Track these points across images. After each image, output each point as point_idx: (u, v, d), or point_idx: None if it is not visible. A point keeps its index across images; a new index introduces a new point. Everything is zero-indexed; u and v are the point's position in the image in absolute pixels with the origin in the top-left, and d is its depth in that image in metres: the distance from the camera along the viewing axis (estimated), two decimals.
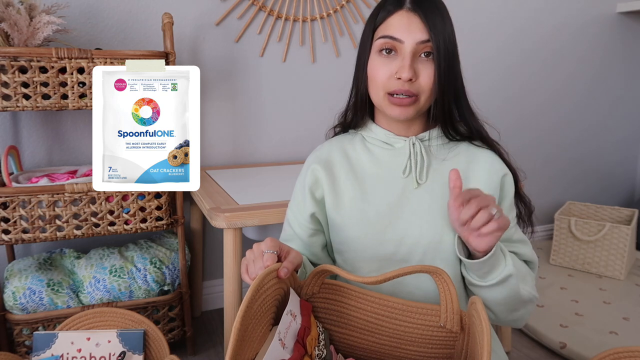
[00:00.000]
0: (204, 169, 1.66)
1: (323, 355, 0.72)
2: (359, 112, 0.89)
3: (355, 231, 0.84)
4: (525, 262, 0.89)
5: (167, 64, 1.32)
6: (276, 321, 0.72)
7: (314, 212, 0.88)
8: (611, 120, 2.64)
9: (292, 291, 0.72)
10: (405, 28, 0.77)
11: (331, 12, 1.79)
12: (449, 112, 0.83)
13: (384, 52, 0.80)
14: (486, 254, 0.74)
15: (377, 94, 0.83)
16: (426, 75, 0.78)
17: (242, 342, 0.59)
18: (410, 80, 0.78)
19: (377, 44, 0.81)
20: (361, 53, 0.86)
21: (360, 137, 0.91)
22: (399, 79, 0.78)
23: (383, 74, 0.80)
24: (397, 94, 0.79)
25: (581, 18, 2.37)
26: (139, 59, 1.24)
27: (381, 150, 0.88)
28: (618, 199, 2.81)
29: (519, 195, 0.89)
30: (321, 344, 0.73)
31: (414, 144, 0.86)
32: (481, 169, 0.85)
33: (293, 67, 1.80)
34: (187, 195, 1.54)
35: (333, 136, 0.96)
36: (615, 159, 2.72)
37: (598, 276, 2.10)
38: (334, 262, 0.95)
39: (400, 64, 0.78)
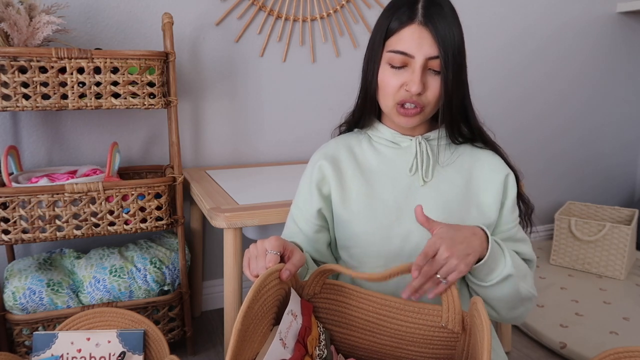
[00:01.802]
0: (204, 169, 1.66)
1: (324, 355, 0.72)
2: (366, 113, 0.90)
3: (362, 227, 0.85)
4: (525, 260, 0.91)
5: (167, 63, 1.32)
6: (277, 321, 0.72)
7: (321, 207, 0.89)
8: (612, 120, 2.64)
9: (293, 291, 0.72)
10: (416, 43, 0.78)
11: (331, 12, 1.79)
12: (456, 118, 0.85)
13: (395, 66, 0.81)
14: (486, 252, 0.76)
15: (386, 103, 0.84)
16: (434, 88, 0.80)
17: (242, 342, 0.59)
18: (419, 93, 0.80)
19: (388, 56, 0.81)
20: (371, 58, 0.86)
21: (366, 136, 0.93)
22: (408, 90, 0.80)
23: (394, 85, 0.81)
24: (405, 104, 0.82)
25: (581, 19, 2.36)
26: (139, 59, 1.24)
27: (387, 149, 0.90)
28: (618, 199, 2.81)
29: (520, 195, 0.91)
30: (322, 344, 0.73)
31: (420, 143, 0.88)
32: (485, 169, 0.88)
33: (293, 67, 1.80)
34: (187, 195, 1.54)
35: (338, 135, 0.97)
36: (615, 158, 2.72)
37: (598, 276, 2.10)
38: (336, 260, 0.95)
39: (410, 77, 0.80)
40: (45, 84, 1.19)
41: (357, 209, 0.86)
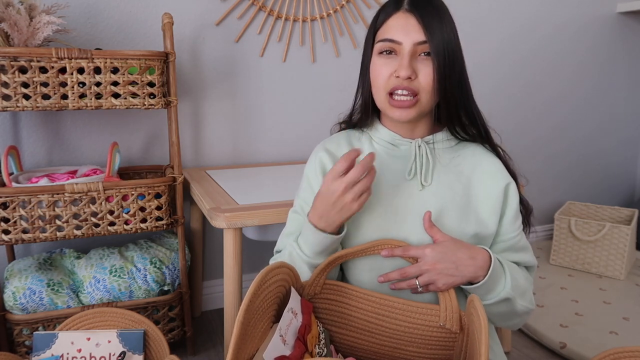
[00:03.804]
0: (204, 169, 1.66)
1: (323, 354, 0.72)
2: (364, 114, 0.90)
3: (359, 228, 0.84)
4: (526, 267, 0.91)
5: (167, 63, 1.33)
6: (277, 319, 0.72)
7: None
8: (612, 120, 2.64)
9: (293, 290, 0.73)
10: (403, 29, 0.79)
11: (331, 12, 1.79)
12: (456, 113, 0.84)
13: (384, 53, 0.81)
14: (484, 277, 0.78)
15: (379, 96, 0.83)
16: (425, 73, 0.79)
17: (244, 336, 0.59)
18: (409, 78, 0.78)
19: (377, 47, 0.82)
20: (364, 57, 0.87)
21: (367, 136, 0.92)
22: (398, 77, 0.79)
23: (384, 74, 0.81)
24: (397, 92, 0.80)
25: (581, 19, 2.37)
26: (139, 59, 1.24)
27: (387, 151, 0.89)
28: (618, 199, 2.81)
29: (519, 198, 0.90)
30: (321, 342, 0.74)
31: (419, 146, 0.86)
32: (485, 176, 0.87)
33: (293, 67, 1.80)
34: (187, 195, 1.54)
35: (339, 130, 0.96)
36: (615, 158, 2.73)
37: (598, 276, 2.10)
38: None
39: (399, 63, 0.79)
40: (45, 84, 1.19)
41: None
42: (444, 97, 0.81)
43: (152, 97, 1.29)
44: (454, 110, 0.83)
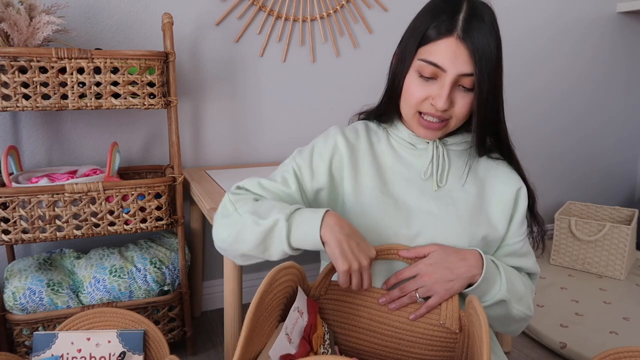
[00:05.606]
0: (204, 169, 1.66)
1: (328, 354, 0.72)
2: (389, 111, 0.89)
3: (370, 221, 0.84)
4: (528, 274, 0.91)
5: (167, 63, 1.32)
6: (283, 318, 0.72)
7: (322, 187, 0.87)
8: (613, 120, 2.64)
9: (300, 289, 0.73)
10: (451, 58, 0.74)
11: (331, 12, 1.79)
12: (484, 137, 0.84)
13: (424, 76, 0.78)
14: (480, 276, 0.79)
15: (407, 111, 0.82)
16: (462, 105, 0.78)
17: (253, 333, 0.59)
18: (445, 110, 0.78)
19: (419, 64, 0.78)
20: (400, 61, 0.82)
21: (385, 132, 0.91)
22: (433, 105, 0.78)
23: (419, 96, 0.79)
24: (427, 115, 0.79)
25: (582, 20, 2.37)
26: (139, 59, 1.24)
27: (404, 149, 0.89)
28: (618, 199, 2.81)
29: (534, 216, 0.91)
30: (326, 342, 0.74)
31: (437, 147, 0.86)
32: (498, 180, 0.88)
33: (293, 67, 1.80)
34: (187, 195, 1.54)
35: (358, 120, 0.96)
36: (615, 158, 2.73)
37: (598, 276, 2.10)
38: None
39: (437, 91, 0.77)
40: (45, 84, 1.19)
41: (368, 202, 0.84)
42: (480, 126, 0.80)
43: (152, 97, 1.29)
44: (482, 135, 0.83)
